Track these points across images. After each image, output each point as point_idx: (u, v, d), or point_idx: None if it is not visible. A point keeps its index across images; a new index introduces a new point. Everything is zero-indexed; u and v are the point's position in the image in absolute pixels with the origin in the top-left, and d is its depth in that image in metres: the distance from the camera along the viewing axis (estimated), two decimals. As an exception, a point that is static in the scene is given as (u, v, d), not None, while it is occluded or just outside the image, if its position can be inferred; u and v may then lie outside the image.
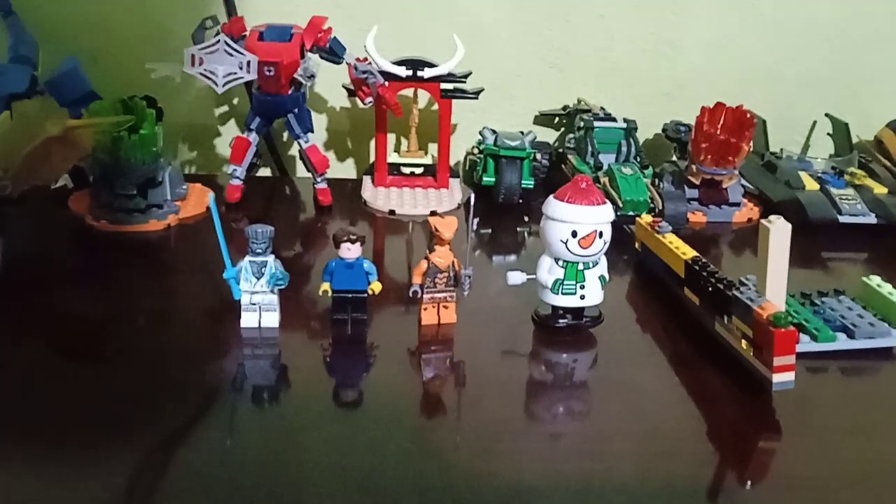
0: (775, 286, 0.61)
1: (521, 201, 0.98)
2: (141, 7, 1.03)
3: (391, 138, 1.06)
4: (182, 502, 0.49)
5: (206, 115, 1.09)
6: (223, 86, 0.86)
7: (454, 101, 0.99)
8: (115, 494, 0.49)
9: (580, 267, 0.67)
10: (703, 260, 0.71)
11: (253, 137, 0.94)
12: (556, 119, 1.14)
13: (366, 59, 0.93)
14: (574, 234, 0.65)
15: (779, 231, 0.59)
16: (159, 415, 0.57)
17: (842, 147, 1.11)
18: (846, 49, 1.14)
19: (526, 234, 0.94)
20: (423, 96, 1.02)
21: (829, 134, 1.14)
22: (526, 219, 0.97)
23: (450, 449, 0.56)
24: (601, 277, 0.69)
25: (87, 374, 0.62)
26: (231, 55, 0.85)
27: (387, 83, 0.93)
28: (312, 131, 0.96)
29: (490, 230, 0.94)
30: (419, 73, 0.96)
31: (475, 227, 0.66)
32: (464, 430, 0.58)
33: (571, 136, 1.07)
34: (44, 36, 0.95)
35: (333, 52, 0.92)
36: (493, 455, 0.55)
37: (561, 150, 1.07)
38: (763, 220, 0.60)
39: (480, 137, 1.01)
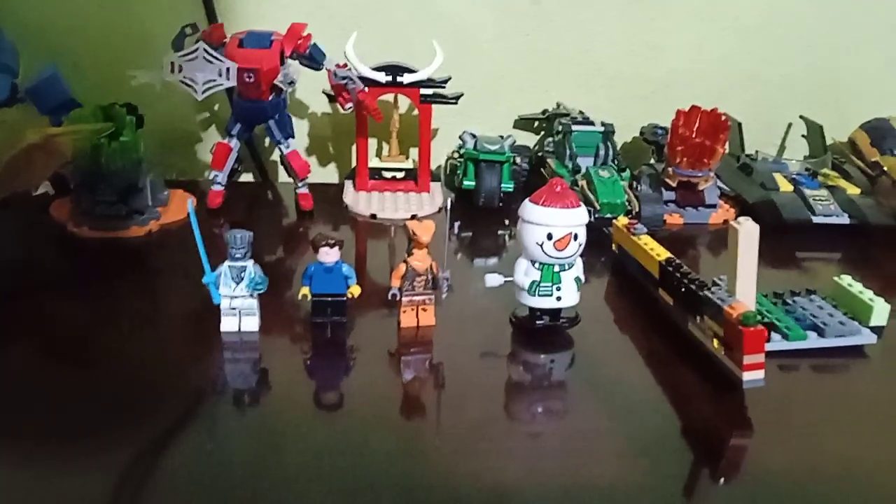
0: (745, 286, 0.62)
1: (501, 205, 0.99)
2: (121, 14, 1.03)
3: (372, 143, 1.07)
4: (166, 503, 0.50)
5: (187, 121, 1.09)
6: (203, 93, 0.86)
7: (434, 106, 1.00)
8: (98, 497, 0.50)
9: (556, 269, 0.68)
10: (677, 261, 0.73)
11: (234, 143, 0.95)
12: (536, 123, 1.15)
13: (346, 65, 0.93)
14: (549, 236, 0.66)
15: (747, 232, 0.60)
16: (140, 419, 0.58)
17: (816, 149, 1.12)
18: (821, 53, 1.16)
19: (506, 238, 0.95)
20: (404, 101, 1.03)
21: (803, 136, 1.16)
22: (506, 222, 0.97)
23: (430, 450, 0.57)
24: (577, 279, 0.69)
25: (69, 379, 0.63)
26: (210, 62, 0.86)
27: (367, 89, 0.94)
28: (293, 137, 0.96)
29: (470, 233, 0.94)
30: (399, 79, 0.97)
31: (455, 230, 0.67)
32: (444, 431, 0.59)
33: (550, 139, 1.08)
34: (24, 43, 0.94)
35: (313, 59, 0.92)
36: (474, 455, 0.56)
37: (540, 154, 1.08)
38: (732, 222, 0.61)
39: (461, 142, 1.02)
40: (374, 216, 0.97)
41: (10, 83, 0.88)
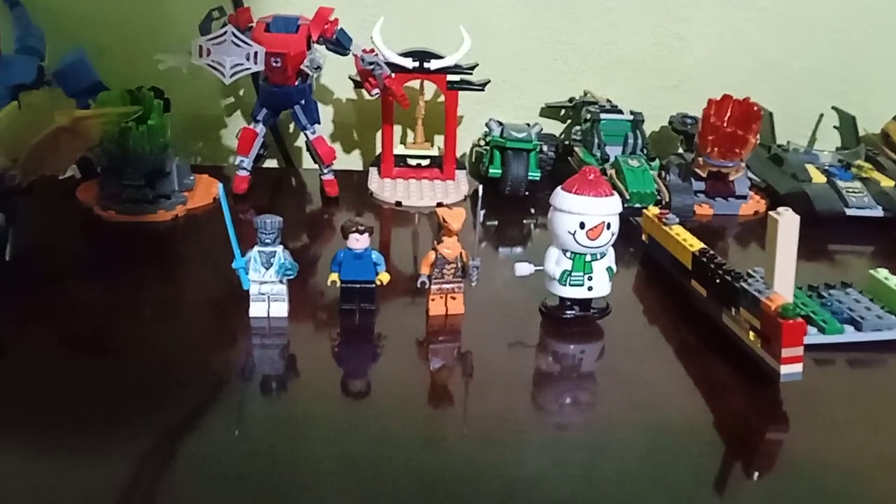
0: (783, 278, 0.61)
1: (527, 193, 0.98)
2: (148, -2, 1.03)
3: (397, 130, 1.06)
4: (190, 491, 0.50)
5: (212, 106, 1.09)
6: (230, 77, 0.86)
7: (461, 93, 0.99)
8: (123, 483, 0.49)
9: (588, 258, 0.67)
10: (711, 252, 0.71)
11: (260, 129, 0.94)
12: (563, 111, 1.13)
13: (372, 51, 0.92)
14: (582, 225, 0.65)
15: (787, 223, 0.59)
16: (168, 404, 0.57)
17: (848, 140, 1.11)
18: (853, 42, 1.14)
19: (532, 226, 0.94)
20: (430, 88, 1.02)
21: (835, 127, 1.14)
22: (532, 211, 0.97)
23: (456, 439, 0.57)
24: (609, 269, 0.69)
25: (95, 364, 0.63)
26: (238, 46, 0.85)
27: (393, 75, 0.93)
28: (319, 123, 0.96)
29: (496, 222, 0.94)
30: (426, 65, 0.96)
31: (482, 218, 0.66)
32: (470, 421, 0.59)
33: (578, 128, 1.07)
34: (51, 27, 0.95)
35: (340, 44, 0.91)
36: (500, 445, 0.55)
37: (567, 143, 1.07)
38: (772, 212, 0.60)
39: (487, 129, 1.01)
40: (399, 203, 0.96)
41: (37, 66, 0.88)
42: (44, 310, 0.69)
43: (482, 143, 1.03)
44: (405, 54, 0.96)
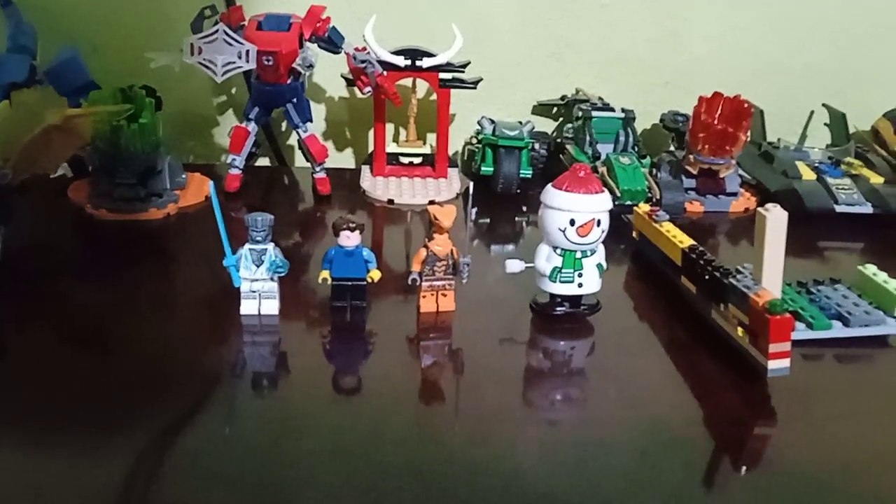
0: (772, 274, 0.61)
1: (519, 191, 0.98)
2: (140, -4, 1.03)
3: (390, 128, 1.06)
4: (182, 488, 0.50)
5: (204, 104, 1.09)
6: (222, 75, 0.86)
7: (453, 91, 0.99)
8: (116, 481, 0.50)
9: (578, 255, 0.68)
10: (701, 248, 0.72)
11: (252, 127, 0.95)
12: (555, 109, 1.14)
13: (364, 49, 0.93)
14: (572, 222, 0.66)
15: (775, 219, 0.60)
16: (159, 402, 0.58)
17: (839, 137, 1.11)
18: (845, 41, 1.14)
19: (524, 224, 0.95)
20: (422, 86, 1.02)
21: (826, 124, 1.14)
22: (524, 208, 0.97)
23: (448, 435, 0.57)
24: (599, 266, 0.69)
25: (88, 362, 0.63)
26: (230, 44, 0.85)
27: (385, 73, 0.93)
28: (311, 121, 0.96)
29: (488, 220, 0.94)
30: (418, 63, 0.96)
31: (473, 216, 0.67)
32: (462, 417, 0.59)
33: (569, 126, 1.07)
34: (43, 25, 0.94)
35: (332, 42, 0.92)
36: (491, 441, 0.56)
37: (559, 140, 1.07)
38: (760, 209, 0.61)
39: (479, 127, 1.01)
40: (391, 201, 0.96)
41: (29, 64, 0.88)
42: (36, 308, 0.69)
43: (474, 141, 1.03)
44: (397, 52, 0.96)
